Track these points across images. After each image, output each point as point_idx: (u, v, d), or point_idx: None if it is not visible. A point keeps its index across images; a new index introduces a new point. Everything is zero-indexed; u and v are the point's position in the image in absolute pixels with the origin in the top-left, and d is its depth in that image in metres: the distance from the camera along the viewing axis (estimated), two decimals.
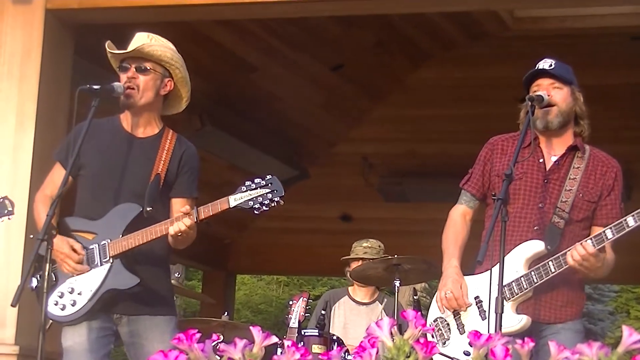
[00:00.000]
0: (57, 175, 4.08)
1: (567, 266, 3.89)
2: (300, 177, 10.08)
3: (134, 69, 4.07)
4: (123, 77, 4.08)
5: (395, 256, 5.70)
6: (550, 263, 3.91)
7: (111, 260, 3.99)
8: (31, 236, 3.96)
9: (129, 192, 4.05)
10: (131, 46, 4.10)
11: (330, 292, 6.73)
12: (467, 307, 4.02)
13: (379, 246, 6.43)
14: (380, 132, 10.06)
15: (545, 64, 4.09)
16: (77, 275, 4.01)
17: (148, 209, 4.00)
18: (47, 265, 3.76)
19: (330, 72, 9.20)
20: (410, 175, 10.05)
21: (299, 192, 9.27)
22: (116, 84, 4.07)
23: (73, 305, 4.00)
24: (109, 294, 3.98)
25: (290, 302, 5.48)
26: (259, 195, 3.81)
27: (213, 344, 2.16)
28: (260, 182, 3.83)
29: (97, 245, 4.02)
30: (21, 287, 3.71)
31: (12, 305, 3.78)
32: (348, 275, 6.41)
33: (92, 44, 4.25)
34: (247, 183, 3.85)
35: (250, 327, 2.19)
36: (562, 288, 4.00)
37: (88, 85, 3.98)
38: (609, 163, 4.10)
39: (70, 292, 4.02)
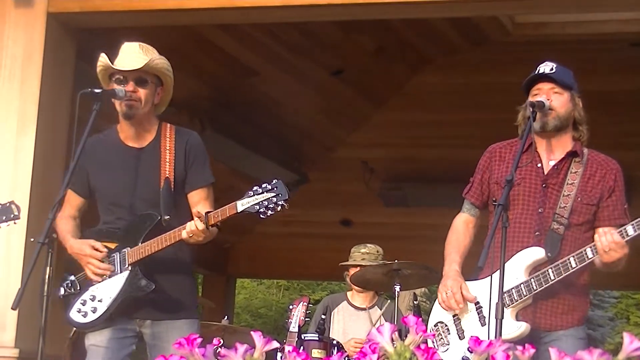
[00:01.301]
0: (71, 197, 4.19)
1: (566, 274, 3.88)
2: (300, 182, 10.09)
3: (134, 83, 4.09)
4: (120, 88, 4.07)
5: (396, 261, 5.70)
6: (549, 270, 3.90)
7: (130, 268, 4.06)
8: (32, 239, 3.97)
9: (143, 203, 4.11)
10: (132, 61, 4.09)
11: (330, 297, 6.73)
12: (469, 304, 4.01)
13: (377, 251, 6.41)
14: (381, 137, 10.06)
15: (547, 67, 4.08)
16: (103, 276, 4.08)
17: (166, 217, 4.06)
18: (48, 269, 3.78)
19: (331, 77, 9.21)
20: (410, 181, 10.06)
21: (299, 196, 9.28)
22: (118, 88, 4.08)
23: (94, 312, 4.08)
24: (127, 301, 4.05)
25: (291, 307, 5.47)
26: (264, 200, 3.84)
27: (214, 348, 2.16)
28: (266, 187, 3.86)
29: (117, 254, 4.10)
30: (22, 291, 3.73)
31: (13, 309, 3.79)
32: (347, 280, 6.40)
33: (93, 47, 4.24)
34: (255, 188, 3.88)
35: (251, 332, 2.20)
36: (564, 294, 3.98)
37: (90, 89, 4.01)
38: (608, 165, 4.09)
39: (92, 300, 4.10)
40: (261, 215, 3.87)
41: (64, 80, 5.73)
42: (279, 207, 3.84)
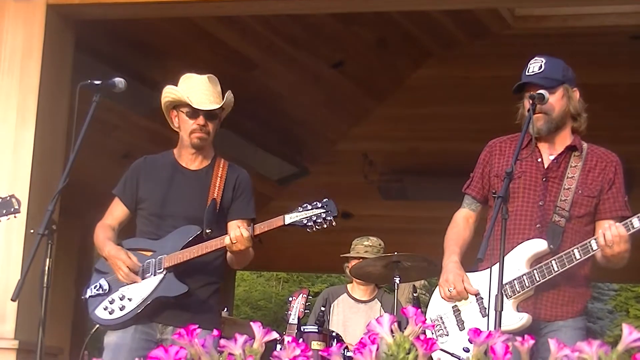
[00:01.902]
0: (115, 208, 4.31)
1: (570, 266, 3.88)
2: (299, 174, 10.09)
3: (204, 117, 4.24)
4: (191, 122, 4.23)
5: (395, 253, 5.70)
6: (553, 262, 3.90)
7: (165, 272, 4.12)
8: (31, 231, 3.98)
9: (185, 219, 4.19)
10: (209, 98, 4.26)
11: (330, 289, 6.74)
12: (470, 299, 4.02)
13: (380, 244, 6.42)
14: (381, 130, 10.07)
15: (536, 64, 4.06)
16: (130, 283, 4.14)
17: (207, 231, 4.15)
18: (48, 260, 3.79)
19: (332, 70, 9.20)
20: (410, 173, 10.06)
21: (299, 189, 9.28)
22: (117, 79, 4.10)
23: (121, 309, 4.13)
24: (158, 301, 4.10)
25: (290, 299, 5.48)
26: (314, 215, 4.03)
27: (213, 339, 2.16)
28: (316, 204, 4.06)
29: (154, 259, 4.16)
30: (21, 282, 3.74)
31: (12, 300, 3.80)
32: (347, 272, 6.41)
33: (92, 39, 4.25)
34: (304, 204, 4.07)
35: (251, 323, 2.20)
36: (565, 285, 3.99)
37: (89, 81, 4.02)
38: (608, 158, 4.10)
39: (121, 299, 4.15)
40: (308, 229, 4.05)
41: (63, 73, 5.73)
42: (326, 224, 4.04)
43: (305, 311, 5.44)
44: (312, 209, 4.03)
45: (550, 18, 8.69)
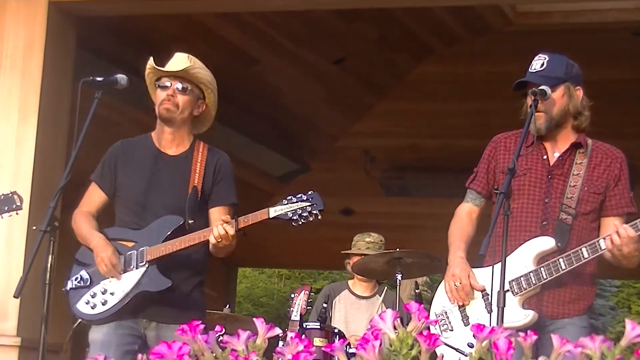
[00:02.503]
0: (93, 194, 4.24)
1: (578, 264, 3.88)
2: (300, 171, 10.09)
3: (175, 88, 4.18)
4: (162, 93, 4.18)
5: (397, 250, 5.70)
6: (561, 260, 3.89)
7: (147, 265, 4.07)
8: (34, 228, 3.97)
9: (166, 208, 4.14)
10: (175, 66, 4.19)
11: (331, 285, 6.73)
12: (476, 295, 4.02)
13: (381, 241, 6.42)
14: (382, 126, 10.07)
15: (538, 62, 4.05)
16: (111, 277, 4.09)
17: (190, 221, 4.09)
18: (50, 257, 3.78)
19: (333, 66, 9.20)
20: (411, 170, 10.06)
21: (301, 185, 9.25)
22: (119, 75, 4.09)
23: (104, 304, 4.08)
24: (141, 296, 4.05)
25: (292, 295, 5.49)
26: (299, 208, 3.96)
27: (216, 335, 2.16)
28: (301, 197, 3.99)
29: (135, 251, 4.10)
30: (23, 279, 3.72)
31: (15, 297, 3.79)
32: (348, 268, 6.41)
33: (94, 36, 4.25)
34: (289, 197, 3.99)
35: (254, 319, 2.20)
36: (570, 283, 3.99)
37: (91, 78, 4.02)
38: (613, 154, 4.09)
39: (103, 293, 4.10)
40: (293, 223, 3.98)
41: (65, 69, 5.74)
42: (312, 217, 3.98)
43: (308, 308, 5.45)
44: (297, 201, 3.96)
45: (551, 14, 8.68)
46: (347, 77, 9.48)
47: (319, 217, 3.98)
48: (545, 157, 4.07)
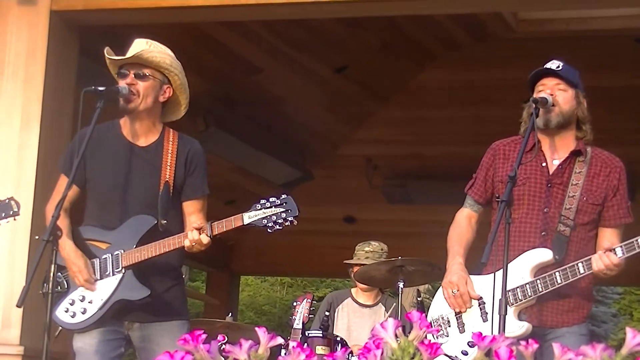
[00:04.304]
0: (63, 185, 4.05)
1: (573, 279, 3.89)
2: (303, 179, 10.09)
3: (133, 75, 4.07)
4: (122, 83, 4.08)
5: (399, 258, 5.70)
6: (557, 274, 3.90)
7: (123, 271, 4.02)
8: (36, 237, 3.97)
9: (138, 203, 4.07)
10: (130, 52, 4.10)
11: (334, 293, 6.73)
12: (472, 303, 4.03)
13: (382, 249, 6.42)
14: (385, 133, 10.07)
15: (553, 64, 4.10)
16: (86, 289, 4.04)
17: (163, 222, 4.03)
18: (53, 266, 3.78)
19: (335, 74, 9.21)
20: (414, 177, 10.06)
21: (303, 193, 9.27)
22: (121, 86, 4.07)
23: (83, 313, 4.03)
24: (119, 304, 4.01)
25: (295, 304, 5.49)
26: (272, 214, 3.86)
27: (218, 344, 2.17)
28: (275, 202, 3.86)
29: (110, 255, 4.05)
30: (26, 288, 3.71)
31: (18, 306, 3.78)
32: (352, 276, 6.41)
33: (96, 45, 4.26)
34: (262, 201, 3.88)
35: (256, 328, 2.21)
36: (569, 293, 3.99)
37: (93, 87, 3.99)
38: (612, 163, 4.10)
39: (81, 300, 4.05)
40: (268, 230, 3.88)
41: (67, 78, 5.75)
42: (288, 223, 3.86)
43: (310, 316, 5.45)
44: (270, 206, 3.85)
45: (553, 21, 8.69)
46: (350, 85, 9.49)
47: (295, 223, 3.87)
48: (544, 164, 4.08)
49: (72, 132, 5.57)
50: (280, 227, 3.88)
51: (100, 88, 3.99)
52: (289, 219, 3.86)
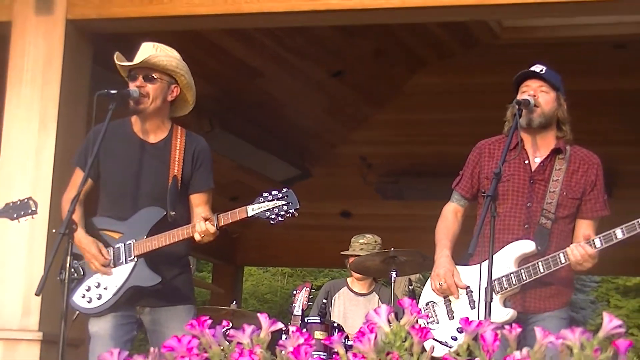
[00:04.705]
0: (78, 179, 4.08)
1: (555, 268, 3.90)
2: (302, 177, 10.09)
3: (142, 79, 4.09)
4: (132, 86, 4.10)
5: (392, 249, 5.72)
6: (539, 264, 3.92)
7: (135, 259, 4.04)
8: (53, 230, 3.98)
9: (148, 196, 4.08)
10: (138, 57, 4.11)
11: (331, 282, 6.75)
12: (460, 293, 4.04)
13: (375, 241, 6.43)
14: (379, 134, 10.06)
15: (537, 68, 4.11)
16: (102, 274, 4.06)
17: (172, 213, 4.05)
18: (69, 258, 3.80)
19: (332, 79, 9.20)
20: (406, 175, 10.06)
21: (302, 190, 9.24)
22: (132, 89, 4.09)
23: (99, 298, 4.05)
24: (132, 291, 4.03)
25: (294, 292, 5.50)
26: (275, 207, 3.86)
27: (223, 329, 2.17)
28: (277, 194, 3.87)
29: (123, 244, 4.06)
30: (44, 278, 3.73)
31: (36, 295, 3.80)
32: (348, 266, 6.42)
33: (109, 52, 4.26)
34: (265, 194, 3.89)
35: (258, 314, 2.21)
36: (551, 281, 4.01)
37: (106, 90, 4.01)
38: (590, 160, 4.12)
39: (97, 287, 4.07)
40: (271, 222, 3.88)
41: (81, 83, 5.75)
42: (289, 215, 3.86)
43: (309, 303, 5.46)
44: (273, 199, 3.85)
45: (536, 29, 8.69)
46: (346, 89, 9.48)
47: (296, 215, 3.87)
48: (527, 161, 4.09)
49: (86, 134, 5.58)
50: (282, 219, 3.88)
51: (112, 91, 4.01)
52: (290, 211, 3.86)
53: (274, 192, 3.87)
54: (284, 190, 3.88)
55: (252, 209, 3.89)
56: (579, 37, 8.47)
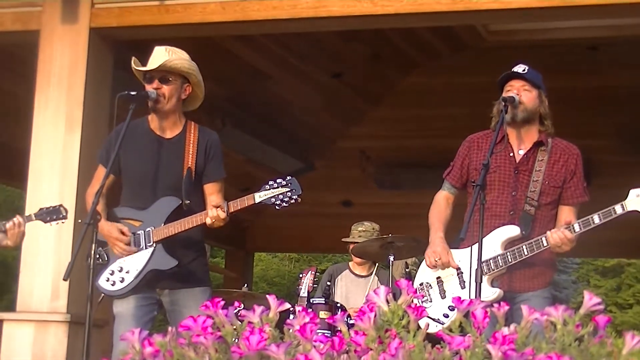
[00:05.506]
0: (101, 174, 4.10)
1: (538, 251, 3.90)
2: (306, 169, 10.09)
3: (158, 81, 4.10)
4: (149, 87, 4.11)
5: (390, 235, 5.71)
6: (524, 247, 3.92)
7: (154, 245, 4.04)
8: (79, 221, 3.98)
9: (165, 187, 4.09)
10: (154, 62, 4.11)
11: (334, 266, 6.74)
12: (452, 272, 4.03)
13: (373, 228, 6.42)
14: (376, 130, 10.06)
15: (520, 68, 4.10)
16: (126, 256, 4.06)
17: (186, 202, 4.05)
18: (94, 245, 3.80)
19: (333, 80, 9.20)
20: (401, 167, 10.05)
21: (306, 182, 9.22)
22: (150, 90, 4.10)
23: (122, 282, 4.06)
24: (152, 274, 4.04)
25: (300, 275, 5.50)
26: (280, 194, 3.86)
27: (235, 310, 2.16)
28: (281, 182, 3.88)
29: (142, 231, 4.07)
30: (71, 264, 3.74)
31: (64, 279, 3.80)
32: (350, 251, 6.42)
33: (128, 57, 4.26)
34: (270, 182, 3.90)
35: (267, 296, 2.20)
36: (535, 262, 4.01)
37: (126, 92, 4.01)
38: (570, 151, 4.11)
39: (120, 271, 4.07)
40: (277, 207, 3.88)
41: (104, 85, 5.74)
42: (293, 201, 3.87)
43: (314, 286, 5.46)
44: (278, 187, 3.87)
45: (519, 32, 8.67)
46: (345, 89, 9.47)
47: (299, 201, 3.88)
48: (511, 154, 4.09)
49: (108, 132, 5.57)
50: (287, 205, 3.89)
51: (132, 93, 4.02)
52: (294, 197, 3.88)
53: (278, 180, 3.89)
54: (288, 178, 3.90)
55: (259, 196, 3.89)
56: (557, 40, 8.46)
